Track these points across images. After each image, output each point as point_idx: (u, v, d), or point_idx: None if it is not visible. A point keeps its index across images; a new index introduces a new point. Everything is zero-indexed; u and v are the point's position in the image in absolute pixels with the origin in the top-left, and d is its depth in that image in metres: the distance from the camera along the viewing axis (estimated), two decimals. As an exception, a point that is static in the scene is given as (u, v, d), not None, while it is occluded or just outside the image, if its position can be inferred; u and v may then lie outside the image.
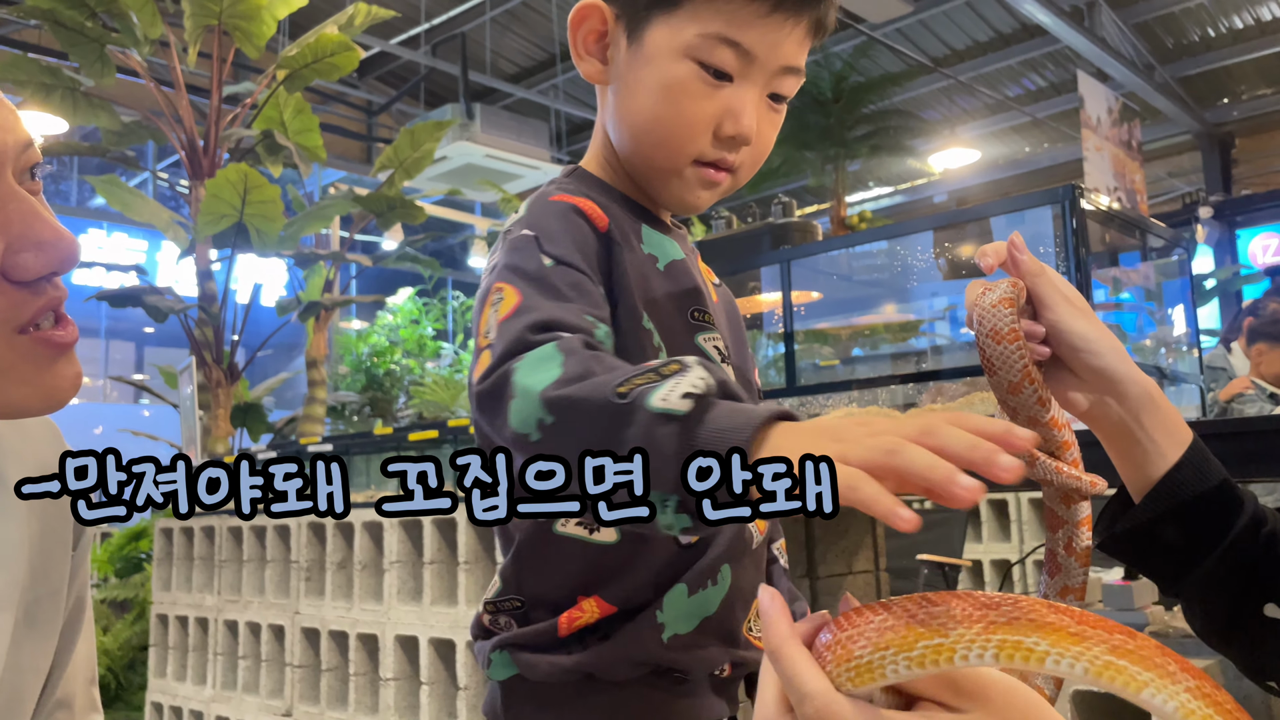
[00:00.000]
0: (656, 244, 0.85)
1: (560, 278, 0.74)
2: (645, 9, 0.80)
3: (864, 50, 7.78)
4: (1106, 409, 0.78)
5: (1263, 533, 0.76)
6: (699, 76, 0.78)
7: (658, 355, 0.78)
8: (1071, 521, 0.81)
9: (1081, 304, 0.79)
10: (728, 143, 0.80)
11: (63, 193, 11.57)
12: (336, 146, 9.62)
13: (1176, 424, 0.78)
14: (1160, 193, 10.00)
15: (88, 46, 3.93)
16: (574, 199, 0.81)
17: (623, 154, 0.86)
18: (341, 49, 4.14)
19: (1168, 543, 0.77)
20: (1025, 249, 0.79)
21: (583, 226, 0.79)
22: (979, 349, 0.76)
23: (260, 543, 2.92)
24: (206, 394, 4.02)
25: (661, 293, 0.82)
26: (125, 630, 3.94)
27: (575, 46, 0.84)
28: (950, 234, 1.95)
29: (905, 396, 1.97)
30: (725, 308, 0.94)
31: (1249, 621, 0.76)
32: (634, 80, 0.82)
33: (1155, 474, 0.77)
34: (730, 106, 0.79)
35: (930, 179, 10.49)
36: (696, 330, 0.84)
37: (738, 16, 0.78)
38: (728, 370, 0.85)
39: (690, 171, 0.82)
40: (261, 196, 3.71)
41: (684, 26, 0.79)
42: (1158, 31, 8.56)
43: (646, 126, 0.81)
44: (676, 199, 0.85)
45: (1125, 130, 5.46)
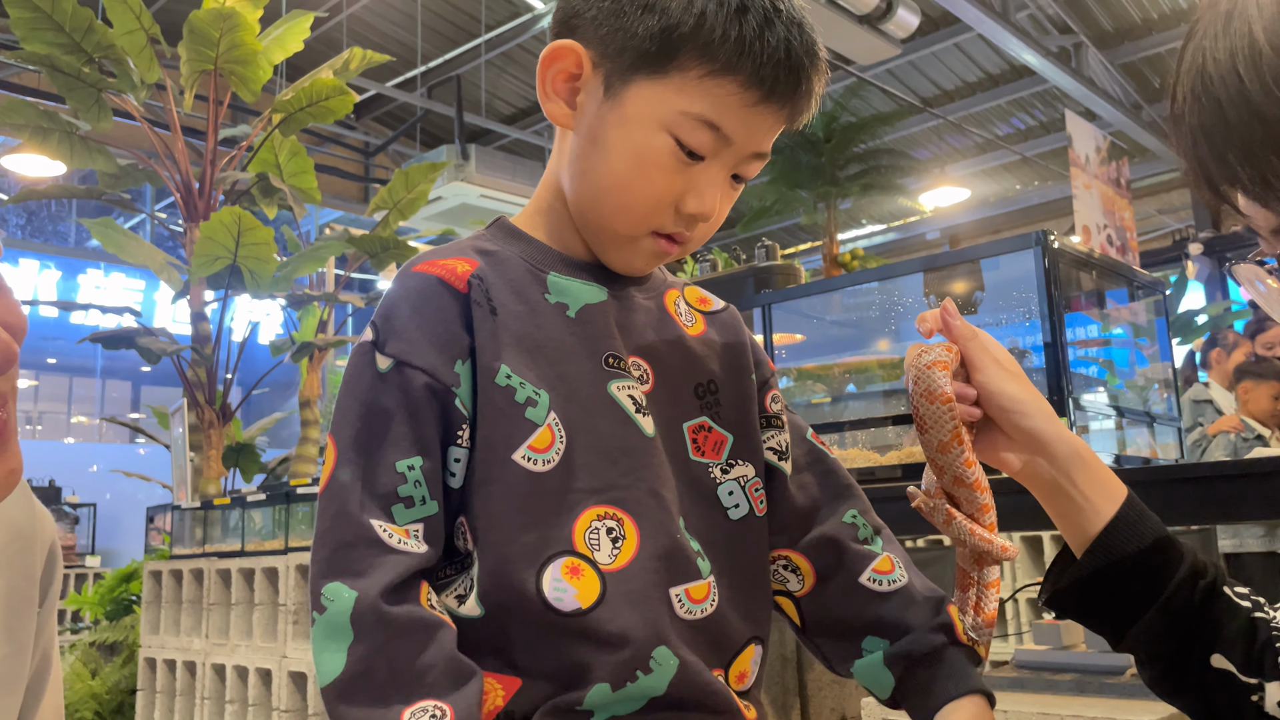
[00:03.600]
0: (567, 290, 0.82)
1: (389, 400, 0.76)
2: (630, 68, 0.78)
3: (855, 91, 7.88)
4: (1038, 468, 0.81)
5: (1200, 585, 0.77)
6: (673, 152, 0.78)
7: (523, 412, 0.76)
8: (981, 583, 0.83)
9: (1013, 367, 0.82)
10: (687, 219, 0.80)
11: (61, 234, 11.65)
12: (334, 187, 9.70)
13: (1108, 481, 0.80)
14: (1151, 229, 10.08)
15: (85, 91, 3.98)
16: (437, 265, 0.80)
17: (577, 206, 0.84)
18: (336, 93, 4.19)
19: (1107, 598, 0.79)
20: (958, 315, 0.83)
21: (438, 297, 0.78)
22: (913, 408, 0.79)
23: (248, 585, 2.91)
24: (199, 435, 4.03)
25: (565, 341, 0.80)
26: (114, 673, 3.92)
27: (543, 85, 0.82)
28: (930, 278, 1.97)
29: (886, 439, 1.99)
30: (710, 341, 0.89)
31: (1196, 673, 0.78)
32: (604, 138, 0.80)
33: (1092, 531, 0.79)
34: (697, 185, 0.79)
35: (922, 216, 10.58)
36: (610, 378, 0.81)
37: (725, 102, 0.77)
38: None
39: (646, 241, 0.82)
40: (255, 239, 3.74)
41: (668, 99, 0.77)
42: (1144, 71, 8.68)
43: (612, 190, 0.80)
44: (623, 262, 0.84)
45: (1114, 168, 5.51)
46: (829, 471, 0.92)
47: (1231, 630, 0.76)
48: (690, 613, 0.78)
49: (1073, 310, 1.92)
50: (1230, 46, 0.60)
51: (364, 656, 0.69)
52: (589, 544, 0.75)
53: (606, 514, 0.77)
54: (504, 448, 0.76)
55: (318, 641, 0.71)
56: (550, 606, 0.73)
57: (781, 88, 0.77)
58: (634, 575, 0.76)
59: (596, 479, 0.77)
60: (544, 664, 0.74)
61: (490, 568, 0.75)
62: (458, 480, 0.77)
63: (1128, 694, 1.69)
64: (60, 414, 13.78)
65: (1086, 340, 2.14)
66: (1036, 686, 1.80)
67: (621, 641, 0.74)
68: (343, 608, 0.70)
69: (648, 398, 0.82)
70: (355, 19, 8.37)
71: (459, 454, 0.77)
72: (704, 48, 0.75)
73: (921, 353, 0.80)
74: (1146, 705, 1.62)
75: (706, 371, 0.87)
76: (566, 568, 0.74)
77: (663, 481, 0.80)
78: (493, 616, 0.74)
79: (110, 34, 3.88)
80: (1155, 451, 2.00)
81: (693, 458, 0.84)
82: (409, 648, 0.70)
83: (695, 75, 0.76)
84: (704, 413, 0.86)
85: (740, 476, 0.86)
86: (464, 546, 0.77)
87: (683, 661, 0.75)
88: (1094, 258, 1.98)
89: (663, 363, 0.85)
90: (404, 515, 0.74)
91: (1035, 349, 1.74)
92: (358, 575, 0.71)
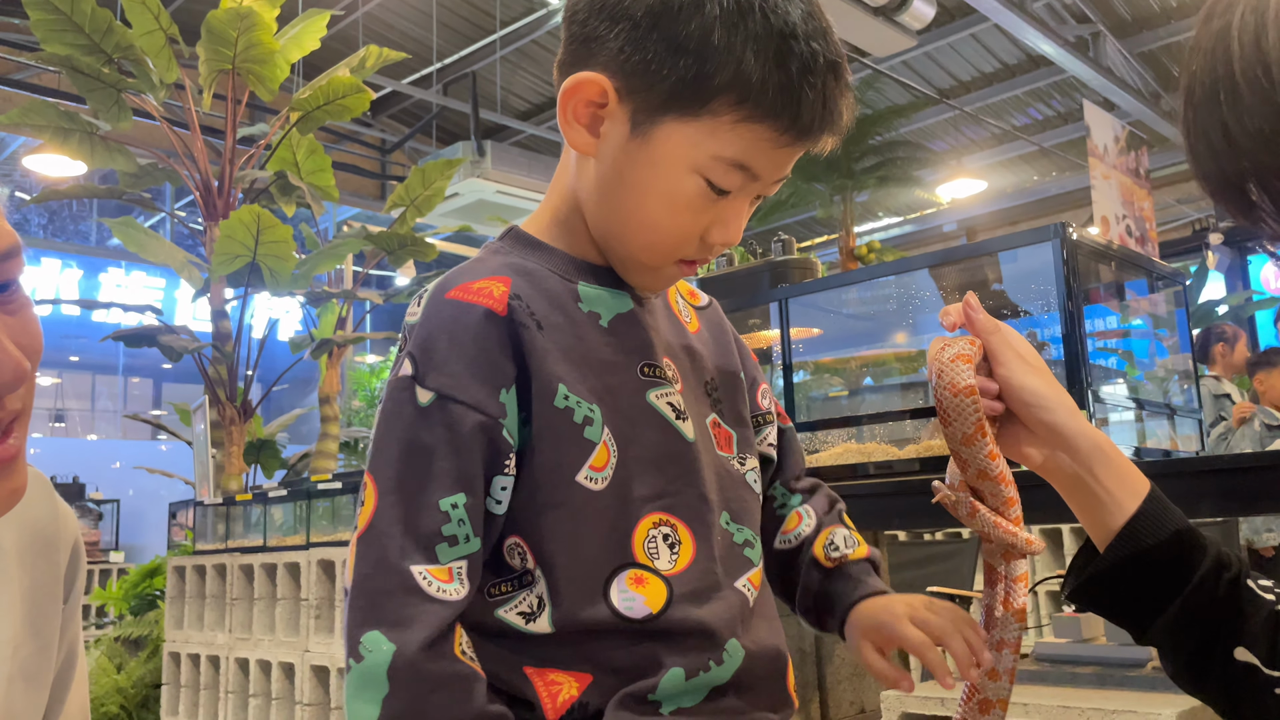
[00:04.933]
0: (598, 300, 0.82)
1: (431, 436, 0.74)
2: (660, 108, 0.75)
3: (870, 83, 7.85)
4: (1060, 463, 0.81)
5: (1225, 578, 0.77)
6: (703, 193, 0.77)
7: (582, 432, 0.76)
8: (1009, 578, 0.83)
9: (1036, 360, 0.82)
10: (711, 246, 0.81)
11: (82, 233, 11.75)
12: (351, 184, 9.74)
13: (1131, 475, 0.80)
14: (1170, 219, 9.99)
15: (104, 92, 4.01)
16: (471, 291, 0.77)
17: (600, 233, 0.83)
18: (353, 91, 4.21)
19: (1131, 592, 0.79)
20: (980, 308, 0.83)
21: (477, 325, 0.76)
22: (936, 402, 0.79)
23: (271, 580, 2.94)
24: (220, 431, 4.07)
25: (604, 353, 0.80)
26: (139, 668, 3.96)
27: (564, 113, 0.79)
28: (946, 271, 1.97)
29: (904, 432, 1.99)
30: (705, 339, 0.91)
31: (1219, 666, 0.77)
32: (632, 176, 0.78)
33: (1114, 525, 0.79)
34: (723, 217, 0.79)
35: (938, 209, 10.52)
36: (649, 387, 0.81)
37: (758, 146, 0.75)
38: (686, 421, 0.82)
39: (669, 269, 0.82)
40: (274, 236, 3.77)
41: (700, 141, 0.75)
42: (1163, 60, 8.60)
43: (639, 228, 0.79)
44: (644, 285, 0.85)
45: (1133, 158, 5.47)
46: (780, 447, 0.96)
47: (1255, 623, 0.76)
48: (753, 600, 0.83)
49: (1091, 302, 1.92)
50: (1213, 75, 0.60)
51: (399, 712, 0.70)
52: (648, 553, 0.77)
53: (661, 520, 0.79)
54: (568, 470, 0.76)
55: (352, 689, 0.72)
56: (622, 616, 0.75)
57: (817, 130, 0.77)
58: (696, 575, 0.78)
59: (647, 488, 0.79)
60: (617, 662, 0.75)
61: (558, 589, 0.76)
62: (503, 507, 0.76)
63: (1149, 687, 1.69)
64: (84, 411, 13.91)
65: (1105, 332, 2.13)
66: (1057, 679, 1.80)
67: (697, 634, 0.76)
68: (380, 660, 0.70)
69: (682, 399, 0.83)
70: (371, 17, 8.40)
71: (505, 483, 0.76)
72: (740, 95, 0.73)
73: (944, 346, 0.80)
74: (1167, 698, 1.62)
75: (709, 370, 0.89)
76: (631, 579, 0.76)
77: (707, 484, 0.82)
78: (565, 633, 0.75)
79: (129, 34, 3.90)
80: (1175, 443, 2.00)
81: (719, 452, 0.86)
82: (443, 701, 0.70)
83: (730, 120, 0.74)
84: (713, 410, 0.88)
85: (752, 469, 0.89)
86: (521, 565, 0.77)
87: (748, 652, 0.79)
88: (1113, 249, 1.97)
89: (682, 363, 0.86)
90: (447, 554, 0.73)
91: (1054, 341, 1.73)
92: (396, 625, 0.71)
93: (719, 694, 0.77)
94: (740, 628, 0.79)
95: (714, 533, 0.81)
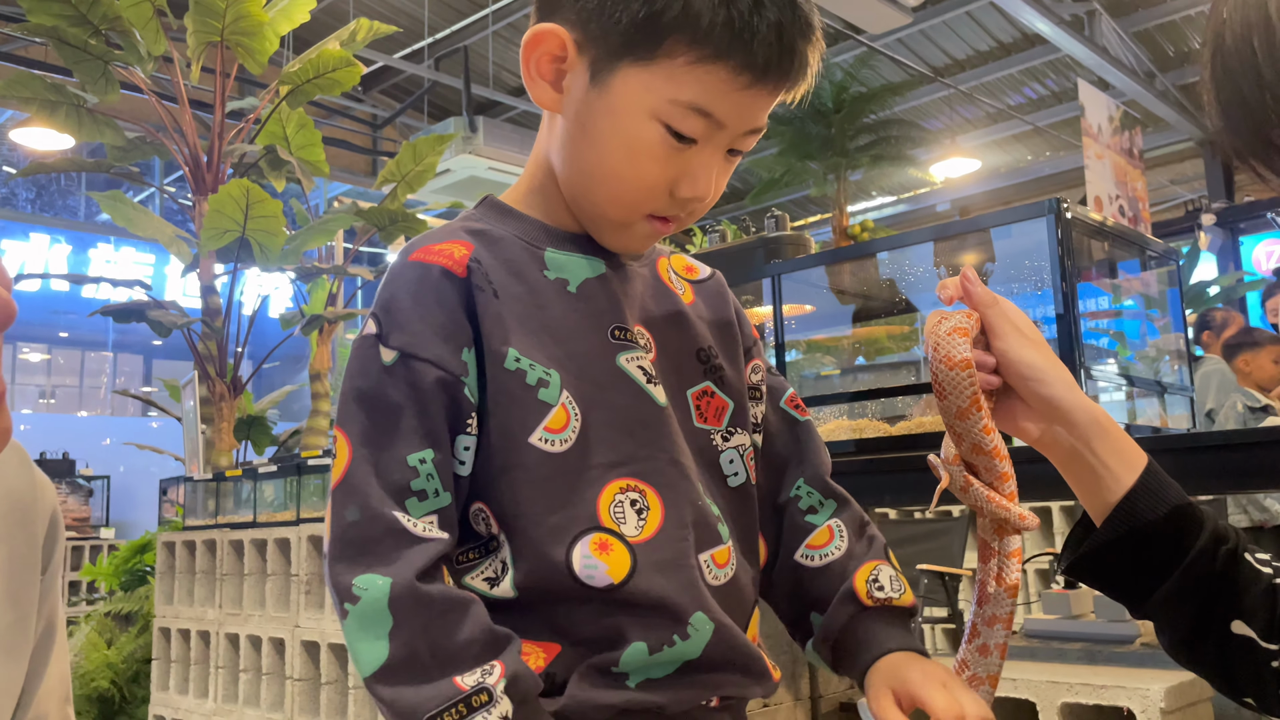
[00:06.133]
0: (567, 266, 0.82)
1: (397, 394, 0.74)
2: (615, 54, 0.75)
3: (865, 60, 7.81)
4: (1057, 436, 0.80)
5: (1222, 551, 0.77)
6: (665, 140, 0.75)
7: (536, 394, 0.76)
8: (1003, 553, 0.83)
9: (1033, 334, 0.82)
10: (683, 202, 0.79)
11: (71, 208, 11.66)
12: (342, 160, 9.68)
13: (1128, 449, 0.80)
14: (1163, 200, 10.00)
15: (91, 64, 3.97)
16: (433, 251, 0.78)
17: (569, 190, 0.82)
18: (343, 64, 4.17)
19: (1129, 566, 0.79)
20: (978, 281, 0.82)
21: (438, 285, 0.76)
22: (932, 374, 0.79)
23: (261, 556, 2.94)
24: (210, 407, 4.05)
25: (569, 319, 0.79)
26: (129, 643, 3.96)
27: (527, 68, 0.79)
28: (940, 248, 1.96)
29: (896, 409, 1.99)
30: (700, 309, 0.89)
31: (1216, 639, 0.77)
32: (593, 127, 0.78)
33: (1112, 499, 0.78)
34: (690, 169, 0.77)
35: (932, 188, 10.50)
36: (619, 350, 0.80)
37: (717, 88, 0.74)
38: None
39: (640, 224, 0.81)
40: (263, 211, 3.74)
41: (656, 86, 0.74)
42: (1158, 39, 8.57)
43: (603, 179, 0.79)
44: (619, 244, 0.83)
45: (1126, 138, 5.45)
46: (797, 439, 0.92)
47: (1252, 596, 0.76)
48: (717, 578, 0.79)
49: (1085, 280, 1.91)
50: (1245, 19, 0.59)
51: (407, 640, 0.69)
52: (614, 518, 0.76)
53: (629, 486, 0.77)
54: (520, 432, 0.76)
55: (353, 633, 0.70)
56: (583, 583, 0.74)
57: (775, 70, 0.75)
58: (663, 544, 0.77)
59: (615, 453, 0.77)
60: (582, 631, 0.75)
61: (520, 552, 0.75)
62: (467, 468, 0.76)
63: (1137, 663, 1.70)
64: (73, 388, 13.86)
65: (1098, 311, 2.13)
66: (1046, 655, 1.81)
67: (659, 608, 0.75)
68: (378, 595, 0.70)
69: (654, 366, 0.82)
70: (362, -10, 8.32)
71: (468, 442, 0.76)
72: (691, 34, 0.72)
73: (941, 319, 0.79)
74: (1155, 674, 1.63)
75: (705, 337, 0.87)
76: (595, 544, 0.75)
77: (680, 450, 0.80)
78: (528, 598, 0.75)
79: (116, 6, 3.86)
80: (1165, 421, 2.00)
81: (696, 425, 0.84)
82: (448, 625, 0.70)
83: (684, 62, 0.73)
84: (708, 377, 0.86)
85: (739, 445, 0.86)
86: (486, 531, 0.78)
87: (718, 625, 0.77)
88: (1107, 226, 1.96)
89: (663, 331, 0.85)
90: (418, 508, 0.73)
91: (1047, 320, 1.73)
92: (388, 563, 0.71)
93: (691, 668, 0.76)
94: (709, 601, 0.77)
95: (686, 502, 0.79)
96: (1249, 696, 0.79)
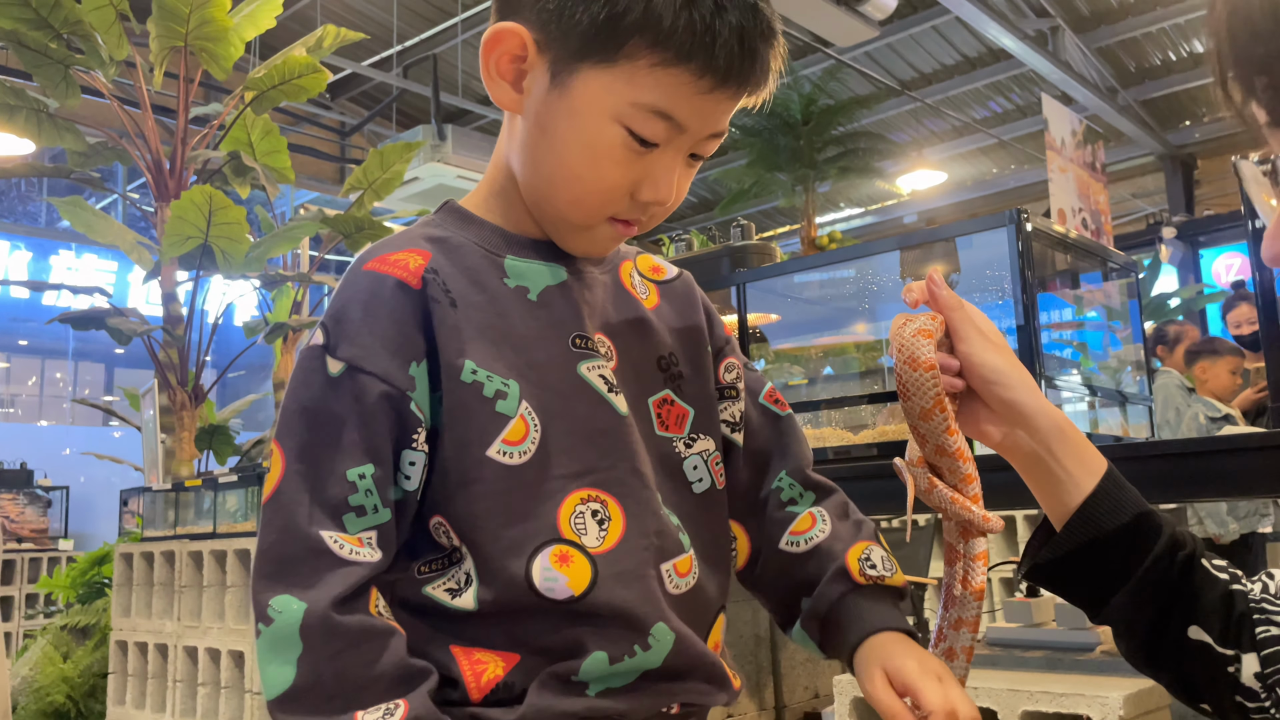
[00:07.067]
0: (528, 273, 0.81)
1: (341, 406, 0.73)
2: (576, 55, 0.74)
3: (833, 73, 7.86)
4: (1018, 440, 0.81)
5: (1180, 557, 0.77)
6: (625, 143, 0.75)
7: (494, 406, 0.75)
8: (968, 556, 0.83)
9: (997, 338, 0.82)
10: (644, 205, 0.79)
11: (31, 214, 11.47)
12: (309, 167, 9.60)
13: (1089, 454, 0.80)
14: (1125, 213, 10.14)
15: (52, 68, 3.91)
16: (388, 262, 0.77)
17: (529, 194, 0.81)
18: (309, 70, 4.14)
19: (1087, 572, 0.79)
20: (944, 285, 0.82)
21: (391, 297, 0.75)
22: (896, 376, 0.79)
23: (221, 567, 2.89)
24: (171, 417, 3.99)
25: (529, 327, 0.79)
26: (86, 657, 3.88)
27: (487, 68, 0.79)
28: (905, 258, 1.98)
29: (860, 418, 2.00)
30: (664, 313, 0.88)
31: (1173, 645, 0.78)
32: (554, 129, 0.77)
33: (1072, 504, 0.79)
34: (652, 173, 0.77)
35: (899, 200, 10.60)
36: (580, 359, 0.79)
37: (678, 91, 0.73)
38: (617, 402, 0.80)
39: (602, 227, 0.80)
40: (227, 218, 3.69)
41: (617, 89, 0.74)
42: (1120, 55, 8.71)
43: (564, 182, 0.78)
44: (580, 248, 0.83)
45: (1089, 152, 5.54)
46: (779, 433, 0.92)
47: (1209, 602, 0.77)
48: (678, 587, 0.79)
49: (1048, 291, 1.93)
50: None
51: (314, 668, 0.68)
52: (575, 529, 0.75)
53: (590, 496, 0.76)
54: (478, 446, 0.75)
55: (264, 654, 0.69)
56: (543, 596, 0.73)
57: (737, 73, 0.75)
58: (624, 555, 0.76)
59: (577, 463, 0.77)
60: (542, 641, 0.74)
61: (480, 565, 0.74)
62: (414, 484, 0.75)
63: (1098, 670, 1.71)
64: (32, 396, 13.62)
65: (1061, 322, 2.15)
66: (1008, 663, 1.82)
67: (619, 619, 0.74)
68: (291, 619, 0.68)
69: (615, 374, 0.81)
70: (330, -3, 8.28)
71: (414, 457, 0.75)
72: (653, 36, 0.72)
73: (906, 321, 0.80)
74: (1116, 681, 1.64)
75: (666, 344, 0.86)
76: (555, 556, 0.74)
77: (641, 459, 0.80)
78: (488, 610, 0.74)
79: (78, 9, 3.80)
80: (1126, 430, 2.02)
81: (658, 433, 0.83)
82: (361, 656, 0.69)
83: (645, 64, 0.73)
84: (668, 385, 0.85)
85: (702, 451, 0.85)
86: (448, 543, 0.76)
87: (679, 635, 0.76)
88: (1068, 238, 1.98)
89: (624, 338, 0.84)
90: (356, 524, 0.72)
91: (1009, 330, 1.74)
92: (307, 587, 0.69)
93: (651, 678, 0.76)
94: (670, 612, 0.76)
95: (647, 512, 0.78)
96: (1205, 703, 0.80)
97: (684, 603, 0.78)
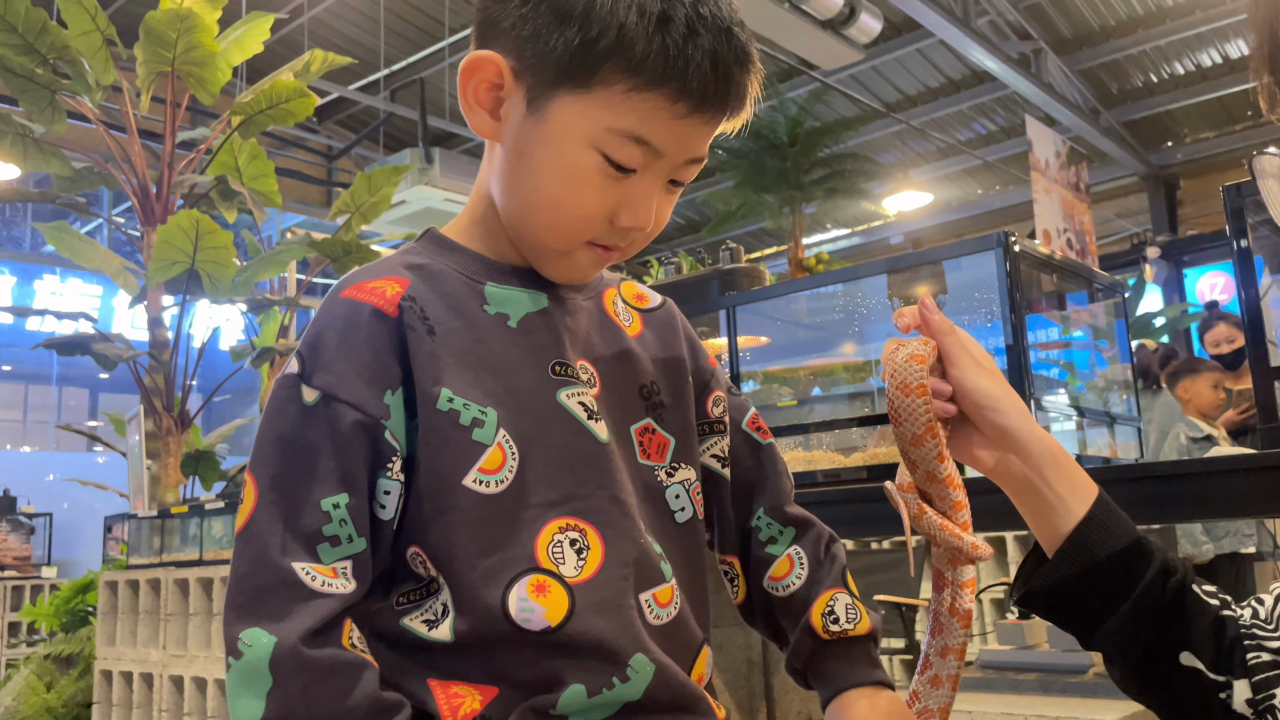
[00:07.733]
0: (508, 300, 0.80)
1: (315, 435, 0.72)
2: (552, 82, 0.74)
3: (819, 96, 7.92)
4: (1010, 466, 0.80)
5: (1170, 583, 0.77)
6: (602, 169, 0.75)
7: (470, 434, 0.74)
8: (956, 583, 0.82)
9: (989, 364, 0.82)
10: (623, 231, 0.78)
11: (16, 239, 11.43)
12: (296, 191, 9.59)
13: (1080, 480, 0.80)
14: (1109, 233, 10.22)
15: (38, 93, 3.90)
16: (365, 289, 0.76)
17: (509, 222, 0.81)
18: (296, 95, 4.14)
19: (1079, 598, 0.79)
20: (936, 310, 0.82)
21: (367, 325, 0.74)
22: (888, 401, 0.79)
23: (207, 595, 2.86)
24: (156, 442, 3.96)
25: (509, 354, 0.78)
26: (70, 686, 3.83)
27: (465, 96, 0.79)
28: (892, 280, 1.98)
29: (851, 440, 1.99)
30: (647, 341, 0.88)
31: (1165, 671, 0.77)
32: (531, 155, 0.77)
33: (1064, 529, 0.79)
34: (630, 198, 0.77)
35: (885, 221, 10.65)
36: (559, 386, 0.79)
37: (653, 117, 0.74)
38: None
39: (581, 253, 0.80)
40: (213, 243, 3.68)
41: (593, 114, 0.74)
42: (1102, 77, 8.80)
43: (541, 208, 0.78)
44: (561, 274, 0.82)
45: (1073, 173, 5.58)
46: (759, 464, 0.92)
47: (1200, 628, 0.77)
48: (659, 617, 0.78)
49: (1034, 312, 1.93)
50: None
51: (284, 702, 0.67)
52: (553, 558, 0.74)
53: (568, 525, 0.76)
54: (453, 475, 0.74)
55: (234, 687, 0.68)
56: (519, 627, 0.72)
57: (712, 99, 0.75)
58: (603, 584, 0.75)
59: (555, 491, 0.76)
60: (520, 674, 0.73)
61: (457, 596, 0.73)
62: (389, 513, 0.74)
63: (1090, 693, 1.70)
64: (15, 422, 13.51)
65: (1048, 342, 2.15)
66: (1001, 686, 1.81)
67: (597, 651, 0.73)
68: (261, 653, 0.68)
69: (597, 402, 0.81)
70: (317, 21, 8.30)
71: (389, 486, 0.74)
72: (626, 62, 0.72)
73: (898, 346, 0.80)
74: (1109, 704, 1.63)
75: (648, 373, 0.86)
76: (532, 586, 0.73)
77: (621, 487, 0.79)
78: (464, 641, 0.73)
79: (65, 35, 3.80)
80: (1115, 451, 2.02)
81: (640, 461, 0.83)
82: (332, 691, 0.68)
83: (619, 90, 0.73)
84: (649, 414, 0.85)
85: (684, 480, 0.85)
86: (425, 573, 0.76)
87: (659, 666, 0.75)
88: (1055, 259, 1.99)
89: (608, 365, 0.84)
90: (330, 554, 0.71)
91: (997, 351, 1.74)
92: (277, 619, 0.69)
93: (633, 710, 0.74)
94: (650, 642, 0.76)
95: (627, 540, 0.77)
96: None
97: (665, 633, 0.78)
